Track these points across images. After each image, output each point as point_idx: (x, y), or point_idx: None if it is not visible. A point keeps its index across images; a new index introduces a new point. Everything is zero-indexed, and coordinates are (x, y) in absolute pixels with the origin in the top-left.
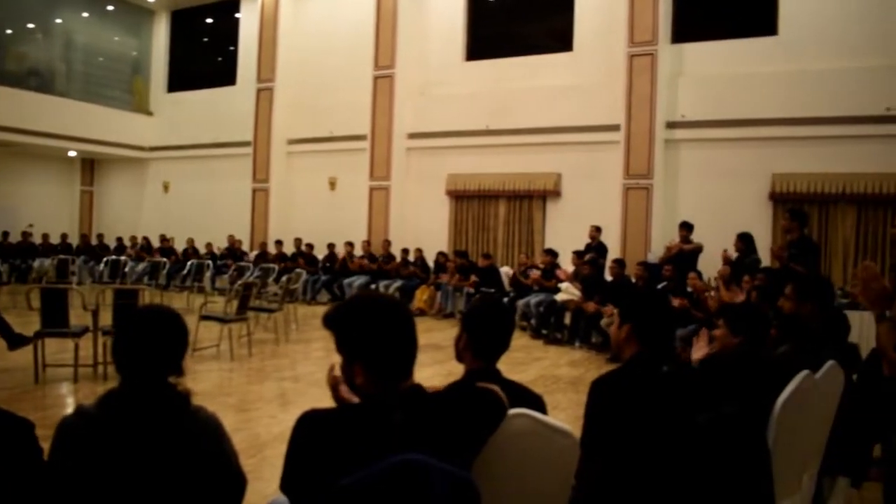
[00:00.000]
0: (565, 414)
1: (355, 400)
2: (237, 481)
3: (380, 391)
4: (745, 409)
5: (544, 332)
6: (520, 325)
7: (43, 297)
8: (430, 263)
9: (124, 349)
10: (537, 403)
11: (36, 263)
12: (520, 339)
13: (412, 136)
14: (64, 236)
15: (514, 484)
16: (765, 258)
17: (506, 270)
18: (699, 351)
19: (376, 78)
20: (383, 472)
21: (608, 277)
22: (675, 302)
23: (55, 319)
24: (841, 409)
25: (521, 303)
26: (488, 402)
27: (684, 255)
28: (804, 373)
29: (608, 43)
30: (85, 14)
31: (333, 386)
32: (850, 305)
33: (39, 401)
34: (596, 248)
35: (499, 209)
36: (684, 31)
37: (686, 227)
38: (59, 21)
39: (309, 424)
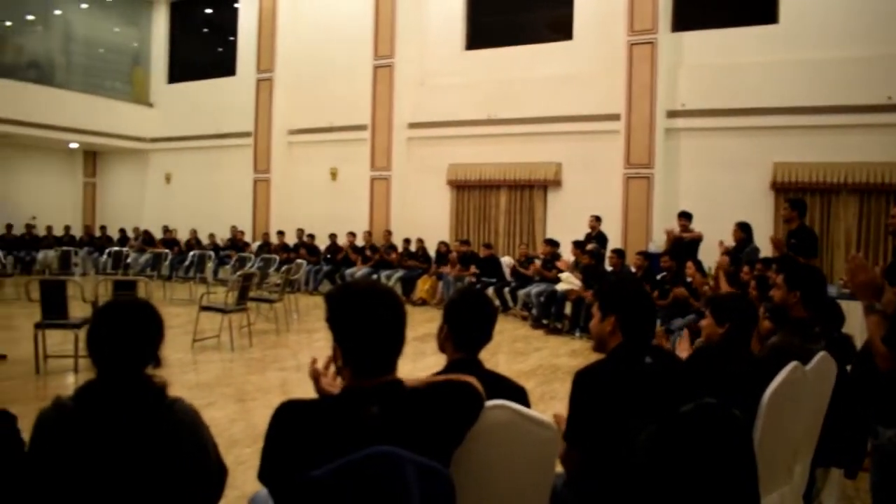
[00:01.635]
0: (563, 404)
1: (335, 392)
2: (216, 472)
3: (358, 382)
4: (729, 400)
5: (545, 321)
6: (520, 314)
7: (42, 288)
8: (432, 253)
9: (97, 341)
10: (518, 394)
11: (40, 255)
12: (520, 329)
13: (412, 125)
14: (67, 228)
15: (494, 475)
16: (765, 248)
17: (507, 260)
18: (683, 351)
19: (376, 67)
20: (355, 463)
21: (608, 267)
22: (675, 291)
23: (55, 311)
24: (834, 399)
25: (521, 292)
26: (465, 396)
27: (684, 245)
28: (793, 364)
29: (608, 32)
30: (84, 5)
31: (315, 378)
32: (851, 296)
33: (41, 391)
34: (596, 237)
35: (500, 199)
36: (684, 19)
37: (685, 217)
38: (58, 12)
39: (286, 414)
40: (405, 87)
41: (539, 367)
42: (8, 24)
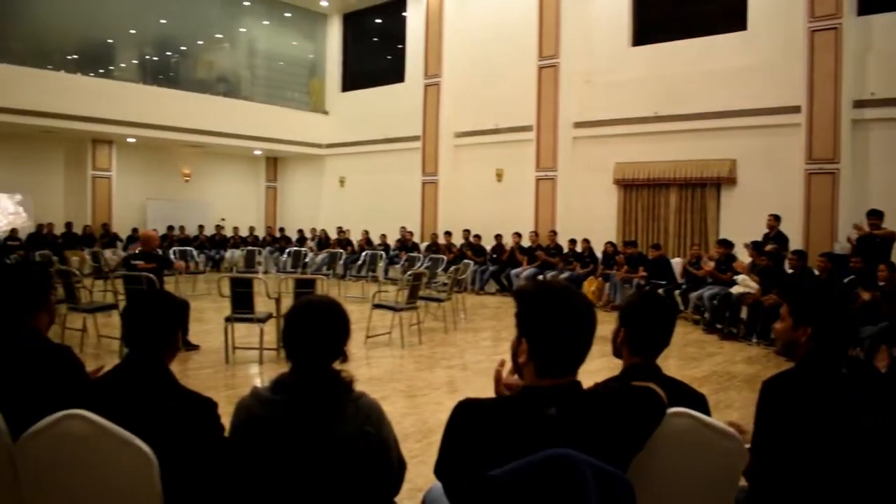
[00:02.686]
0: (739, 413)
1: (515, 386)
2: (397, 467)
3: (538, 381)
4: None
5: (718, 326)
6: (692, 318)
7: (232, 285)
8: (598, 254)
9: (293, 337)
10: (699, 402)
11: (227, 254)
12: (692, 334)
13: (578, 125)
14: (251, 229)
15: (672, 485)
16: None
17: (677, 262)
18: (882, 362)
19: (541, 68)
20: (533, 464)
21: (788, 270)
22: (865, 296)
23: (243, 306)
24: None
25: (693, 295)
26: (647, 401)
27: (875, 245)
28: None
29: (786, 19)
30: (266, 22)
31: (497, 379)
32: None
33: (229, 379)
34: (775, 238)
35: (669, 198)
36: (871, 1)
37: (876, 216)
38: (243, 30)
39: (465, 412)
40: (570, 87)
41: (713, 373)
42: (200, 42)
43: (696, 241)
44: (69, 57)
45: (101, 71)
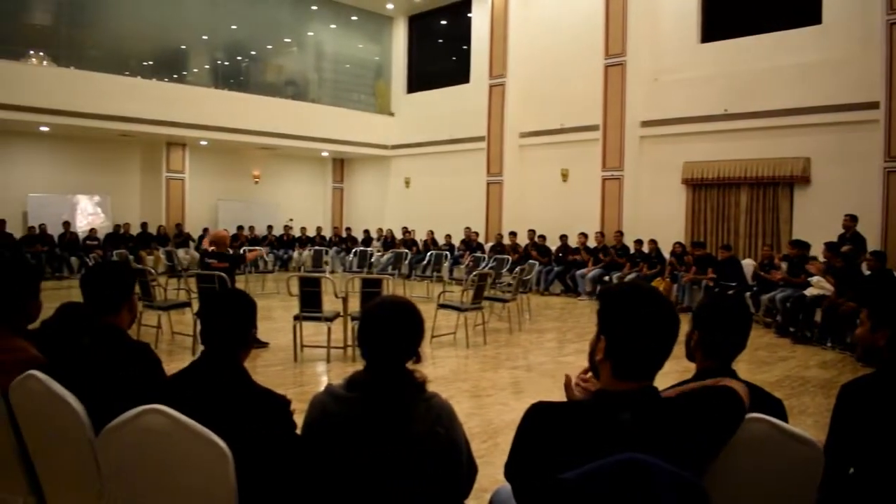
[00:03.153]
0: (812, 419)
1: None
2: (468, 468)
3: (612, 384)
4: None
5: (791, 329)
6: (763, 321)
7: (300, 284)
8: (666, 255)
9: (367, 336)
10: (776, 407)
11: (295, 254)
12: (763, 337)
13: (645, 123)
14: (318, 229)
15: (747, 493)
16: None
17: (748, 263)
18: None
19: (607, 66)
20: (606, 469)
21: (865, 272)
22: None
23: (311, 304)
24: None
25: (765, 298)
26: (726, 405)
27: None
28: None
29: (862, 12)
30: (333, 25)
31: (566, 385)
32: None
33: (298, 377)
34: (851, 239)
35: (740, 198)
36: None
37: None
38: (310, 34)
39: (537, 415)
40: (637, 85)
41: (786, 378)
42: (269, 47)
43: (767, 242)
44: (145, 63)
45: (175, 76)
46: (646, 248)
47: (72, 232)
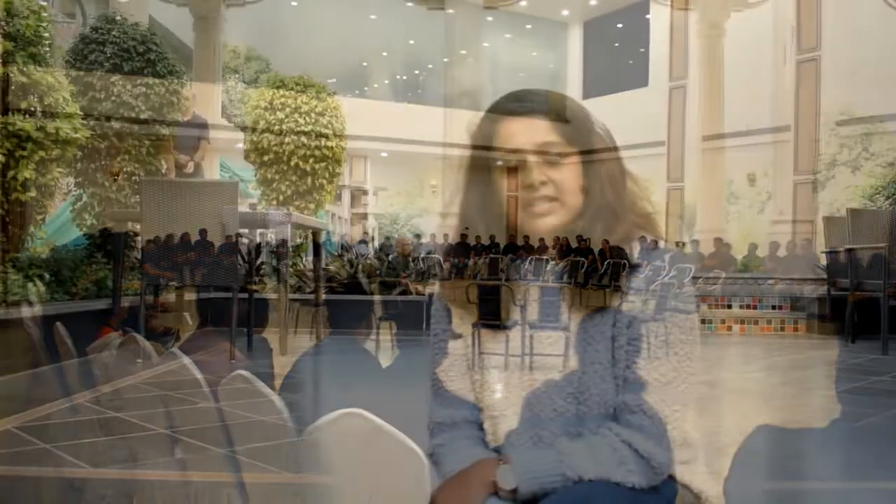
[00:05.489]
0: None
1: None
2: None
3: None
4: None
5: None
6: None
7: (478, 292)
8: None
9: None
10: None
11: (471, 262)
12: None
13: (840, 123)
14: (492, 237)
15: None
16: None
17: None
18: None
19: (799, 62)
20: None
21: None
22: None
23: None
24: None
25: None
26: None
27: None
28: None
29: None
30: (507, 35)
31: None
32: None
33: None
34: None
35: None
36: None
37: None
38: (486, 45)
39: None
40: (832, 81)
41: None
42: (445, 60)
43: None
44: (329, 80)
45: (356, 91)
46: None
47: None
